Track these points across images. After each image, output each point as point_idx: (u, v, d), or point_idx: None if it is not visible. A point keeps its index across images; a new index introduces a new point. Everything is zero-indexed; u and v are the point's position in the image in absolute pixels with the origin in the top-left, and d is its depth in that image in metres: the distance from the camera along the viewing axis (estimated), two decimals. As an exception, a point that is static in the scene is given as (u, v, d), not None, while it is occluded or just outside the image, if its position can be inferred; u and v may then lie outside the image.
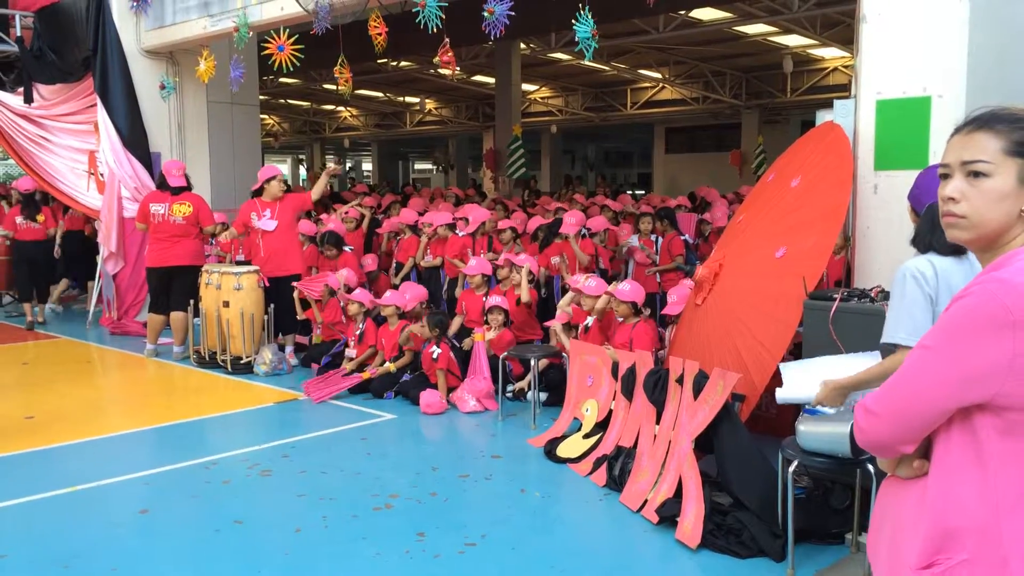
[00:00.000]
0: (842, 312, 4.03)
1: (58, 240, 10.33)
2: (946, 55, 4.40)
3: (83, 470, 4.88)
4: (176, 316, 7.94)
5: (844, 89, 17.35)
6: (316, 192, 7.91)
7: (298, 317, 7.75)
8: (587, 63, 17.62)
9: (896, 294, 2.81)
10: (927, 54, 4.47)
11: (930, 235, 2.82)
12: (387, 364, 6.64)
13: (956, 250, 2.77)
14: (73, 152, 10.01)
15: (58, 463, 5.08)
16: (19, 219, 10.00)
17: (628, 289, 5.87)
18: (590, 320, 6.17)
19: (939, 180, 1.63)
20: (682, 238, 8.37)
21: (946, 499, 1.52)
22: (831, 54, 18.36)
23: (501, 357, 6.11)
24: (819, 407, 3.48)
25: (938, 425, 1.54)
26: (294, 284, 7.64)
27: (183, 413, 6.28)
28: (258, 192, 7.71)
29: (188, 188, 8.05)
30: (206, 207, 8.10)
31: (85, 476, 4.76)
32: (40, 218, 10.10)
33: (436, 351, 6.28)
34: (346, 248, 8.59)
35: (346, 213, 9.66)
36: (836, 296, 4.09)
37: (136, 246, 9.36)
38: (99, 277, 9.82)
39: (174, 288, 7.94)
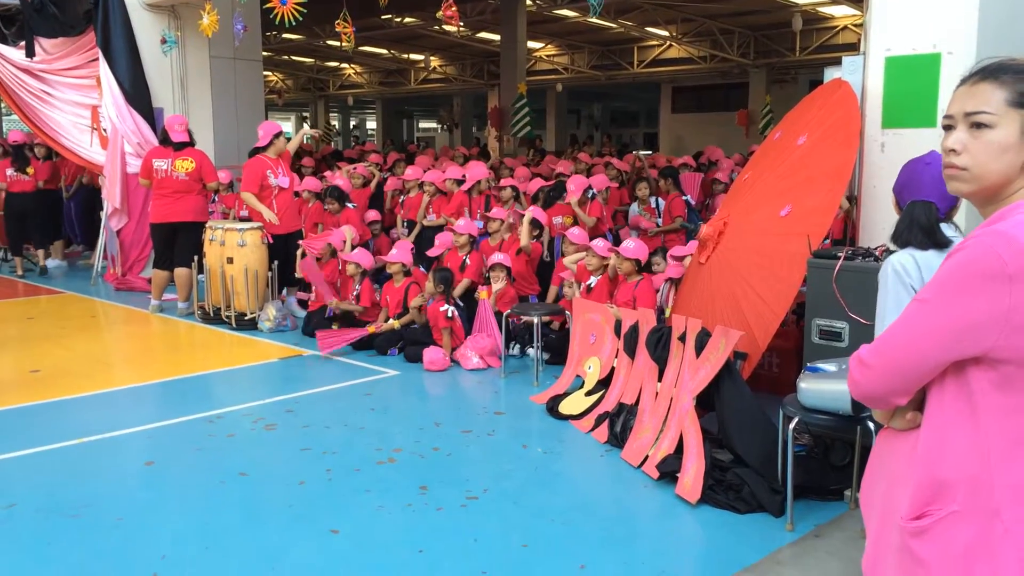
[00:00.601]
0: (846, 271, 4.02)
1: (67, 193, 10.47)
2: (956, 11, 4.33)
3: (89, 423, 4.92)
4: (180, 272, 7.94)
5: (854, 48, 17.10)
6: (292, 145, 8.10)
7: (296, 274, 7.71)
8: (594, 20, 17.40)
9: (881, 290, 2.83)
10: (937, 10, 4.40)
11: (907, 232, 2.85)
12: (391, 321, 6.66)
13: (936, 243, 2.76)
14: (76, 107, 9.95)
15: (64, 416, 5.12)
16: (9, 171, 10.06)
17: (632, 247, 5.86)
18: (593, 280, 6.18)
19: (944, 131, 1.62)
20: (684, 198, 8.33)
21: (938, 451, 1.52)
22: (841, 12, 18.09)
23: (504, 314, 6.12)
24: (821, 366, 3.49)
25: (932, 377, 1.54)
26: (299, 242, 7.63)
27: (188, 368, 6.33)
28: (260, 149, 7.67)
29: (191, 144, 8.00)
30: (209, 163, 8.07)
31: (91, 429, 4.80)
32: (30, 170, 10.18)
33: (450, 309, 6.27)
34: (349, 204, 8.57)
35: (354, 169, 9.65)
36: (840, 255, 4.08)
37: (140, 202, 9.34)
38: (103, 233, 9.83)
39: (178, 244, 7.94)
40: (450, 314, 6.25)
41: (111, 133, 9.26)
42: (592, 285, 6.18)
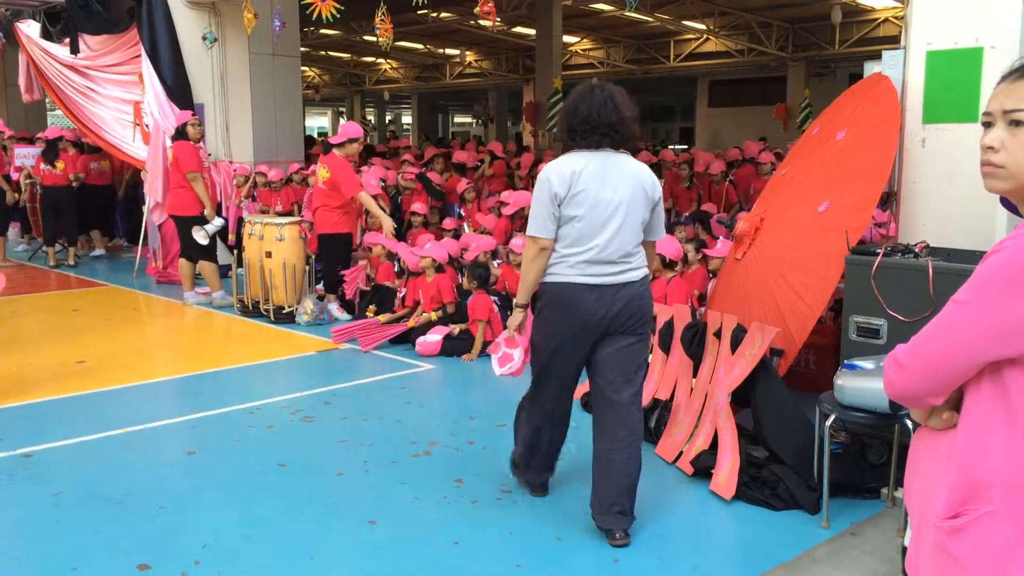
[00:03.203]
0: (885, 268, 3.98)
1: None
2: (1000, 5, 4.26)
3: (132, 413, 5.03)
4: (200, 265, 8.16)
5: (894, 41, 16.86)
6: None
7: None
8: (630, 14, 17.31)
9: None
10: (980, 4, 4.33)
11: None
12: (427, 314, 6.71)
13: None
14: (119, 103, 10.15)
15: (108, 406, 5.24)
16: (43, 165, 10.36)
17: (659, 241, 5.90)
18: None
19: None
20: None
21: (974, 451, 1.52)
22: (882, 4, 17.79)
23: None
24: (859, 363, 3.47)
25: (968, 378, 1.53)
26: (344, 275, 7.62)
27: (227, 360, 6.44)
28: (330, 147, 7.58)
29: (178, 134, 8.20)
30: (183, 153, 8.04)
31: (134, 419, 4.91)
32: (59, 164, 10.43)
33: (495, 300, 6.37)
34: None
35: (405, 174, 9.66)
36: (879, 251, 4.05)
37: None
38: (145, 227, 10.01)
39: (180, 236, 8.27)
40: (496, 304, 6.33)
41: (153, 129, 9.43)
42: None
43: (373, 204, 7.37)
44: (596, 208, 3.34)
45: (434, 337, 6.33)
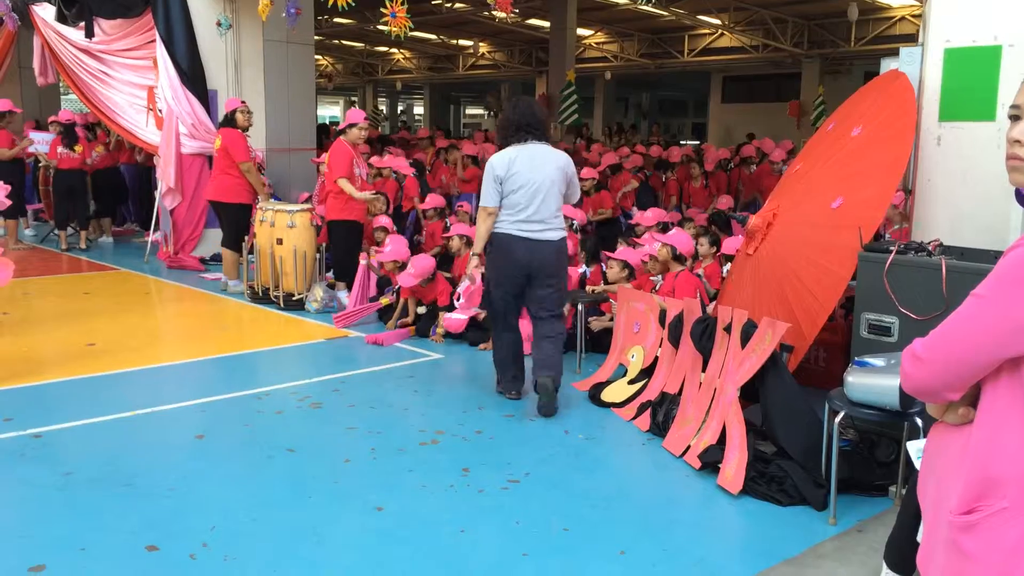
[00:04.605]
0: (897, 265, 3.97)
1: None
2: (1019, 3, 4.23)
3: (142, 396, 5.06)
4: (225, 252, 8.33)
5: (910, 39, 16.75)
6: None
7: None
8: (644, 7, 17.25)
9: None
10: (999, 2, 4.30)
11: None
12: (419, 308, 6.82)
13: None
14: (133, 87, 10.17)
15: (118, 388, 5.27)
16: (60, 149, 10.38)
17: (671, 234, 5.87)
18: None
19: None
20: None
21: (991, 447, 1.51)
22: (899, 2, 17.70)
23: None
24: (869, 360, 3.46)
25: (985, 374, 1.53)
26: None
27: (236, 346, 6.47)
28: (339, 133, 7.73)
29: (226, 122, 8.28)
30: (233, 140, 8.13)
31: (144, 402, 4.94)
32: (78, 148, 10.47)
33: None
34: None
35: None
36: (892, 248, 4.03)
37: (193, 182, 9.54)
38: (156, 212, 10.04)
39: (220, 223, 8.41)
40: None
41: (166, 114, 9.45)
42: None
43: (352, 188, 7.28)
44: (527, 185, 4.78)
45: (461, 316, 6.35)
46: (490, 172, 4.84)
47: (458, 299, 6.43)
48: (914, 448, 2.85)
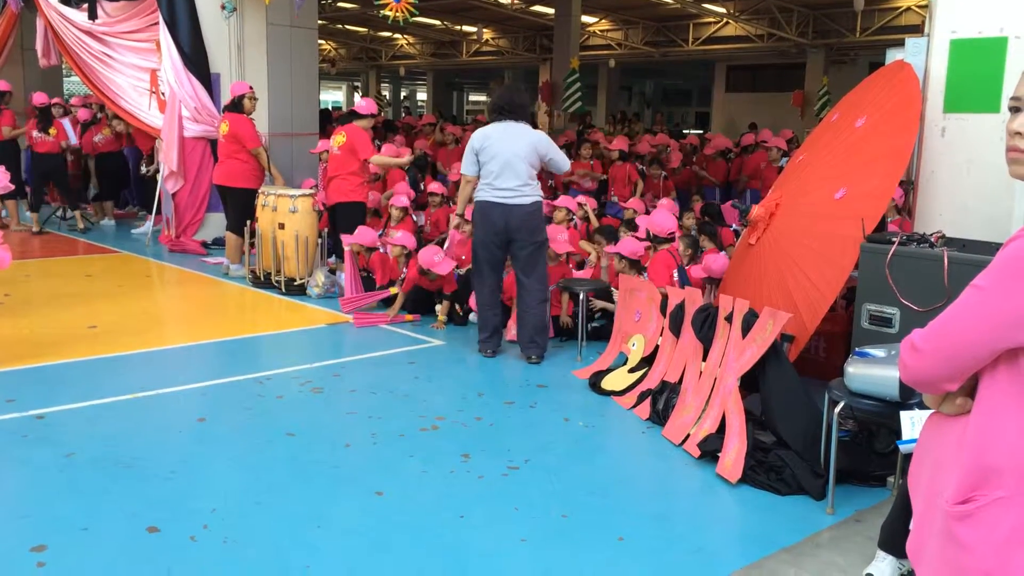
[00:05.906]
0: (899, 256, 3.97)
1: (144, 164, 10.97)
2: (1028, -6, 4.22)
3: (143, 378, 5.07)
4: (228, 236, 8.33)
5: (916, 30, 16.67)
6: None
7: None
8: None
9: None
10: (1008, -8, 4.29)
11: None
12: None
13: None
14: (135, 70, 10.14)
15: (120, 371, 5.28)
16: (35, 133, 10.38)
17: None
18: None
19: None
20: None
21: (988, 437, 1.52)
22: (905, -8, 17.64)
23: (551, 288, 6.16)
24: (870, 351, 3.46)
25: (983, 365, 1.53)
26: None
27: (238, 330, 6.48)
28: (351, 117, 7.93)
29: (232, 107, 8.28)
30: (242, 125, 8.18)
31: (145, 384, 4.95)
32: (52, 131, 10.48)
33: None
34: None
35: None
36: (894, 240, 4.03)
37: (195, 165, 9.52)
38: (158, 195, 10.04)
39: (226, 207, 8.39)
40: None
41: (169, 97, 9.42)
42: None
43: (388, 160, 8.25)
44: (497, 156, 5.48)
45: (447, 264, 6.51)
46: (469, 145, 5.65)
47: (445, 249, 6.69)
48: (906, 417, 2.87)
